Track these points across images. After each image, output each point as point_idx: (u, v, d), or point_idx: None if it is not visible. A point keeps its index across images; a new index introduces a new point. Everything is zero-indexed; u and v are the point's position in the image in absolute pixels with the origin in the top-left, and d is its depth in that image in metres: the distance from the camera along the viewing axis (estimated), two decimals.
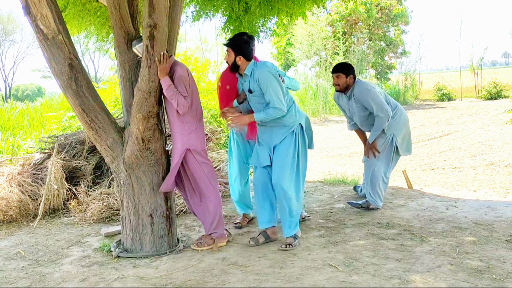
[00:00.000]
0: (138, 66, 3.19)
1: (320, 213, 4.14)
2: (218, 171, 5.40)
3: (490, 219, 3.71)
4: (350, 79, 4.04)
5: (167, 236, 3.31)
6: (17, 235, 3.91)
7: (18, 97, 37.55)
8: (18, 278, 2.94)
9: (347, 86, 4.07)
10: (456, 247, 3.09)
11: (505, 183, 5.39)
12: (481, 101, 18.47)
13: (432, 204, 4.27)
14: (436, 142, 9.36)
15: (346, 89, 4.09)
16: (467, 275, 2.62)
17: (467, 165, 6.73)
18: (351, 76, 4.04)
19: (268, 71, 3.20)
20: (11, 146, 7.34)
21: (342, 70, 4.05)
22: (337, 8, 19.72)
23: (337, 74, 4.05)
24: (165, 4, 2.98)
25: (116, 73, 7.81)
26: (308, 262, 2.94)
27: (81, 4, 4.64)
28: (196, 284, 2.69)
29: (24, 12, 3.03)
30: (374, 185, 4.09)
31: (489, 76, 21.39)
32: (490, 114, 13.04)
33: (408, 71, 22.49)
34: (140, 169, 3.20)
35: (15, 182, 4.46)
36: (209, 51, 30.15)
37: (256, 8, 4.77)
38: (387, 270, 2.74)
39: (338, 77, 4.05)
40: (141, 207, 3.23)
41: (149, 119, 3.14)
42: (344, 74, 4.02)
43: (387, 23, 20.86)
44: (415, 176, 6.14)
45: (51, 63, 3.08)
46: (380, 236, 3.41)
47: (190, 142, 3.22)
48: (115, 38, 3.28)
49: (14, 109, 12.89)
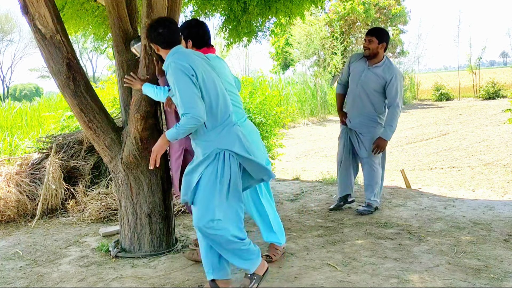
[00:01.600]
0: (136, 66, 3.19)
1: (319, 213, 4.15)
2: None
3: (488, 218, 3.72)
4: (382, 47, 3.80)
5: (165, 236, 3.30)
6: (15, 235, 3.90)
7: (16, 97, 37.48)
8: (16, 278, 2.93)
9: (376, 54, 3.81)
10: (454, 246, 3.10)
11: (503, 182, 5.41)
12: (479, 100, 18.51)
13: (430, 203, 4.28)
14: (434, 141, 9.38)
15: (373, 56, 3.82)
16: (465, 275, 2.62)
17: (465, 164, 6.74)
18: (384, 44, 3.80)
19: (174, 61, 2.34)
20: (9, 146, 7.32)
21: (376, 34, 3.80)
22: (336, 8, 19.73)
23: (370, 38, 3.78)
24: (164, 4, 2.97)
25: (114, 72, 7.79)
26: (307, 261, 2.94)
27: (79, 4, 4.64)
28: (194, 284, 2.68)
29: (22, 12, 3.02)
30: (375, 187, 4.05)
31: (487, 75, 21.44)
32: (488, 114, 13.07)
33: (406, 71, 22.52)
34: (138, 169, 3.20)
35: (13, 182, 4.45)
36: None
37: (255, 8, 4.76)
38: (385, 269, 2.75)
39: (370, 41, 3.78)
40: (140, 207, 3.23)
41: (147, 119, 3.14)
42: (377, 39, 3.77)
43: (385, 22, 20.88)
44: (413, 175, 6.15)
45: (49, 63, 3.07)
46: (378, 235, 3.41)
47: (188, 142, 3.21)
48: (113, 38, 3.28)
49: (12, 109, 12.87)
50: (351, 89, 4.01)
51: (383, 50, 3.85)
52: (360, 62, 3.94)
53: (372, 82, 3.85)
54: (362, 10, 19.30)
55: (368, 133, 3.98)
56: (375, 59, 3.86)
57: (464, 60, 21.67)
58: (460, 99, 19.99)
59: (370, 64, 3.88)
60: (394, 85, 3.80)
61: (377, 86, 3.86)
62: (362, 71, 3.90)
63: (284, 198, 4.84)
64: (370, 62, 3.89)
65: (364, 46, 3.89)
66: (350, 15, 19.56)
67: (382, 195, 4.63)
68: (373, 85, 3.86)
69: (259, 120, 6.81)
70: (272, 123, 7.08)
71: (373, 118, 3.97)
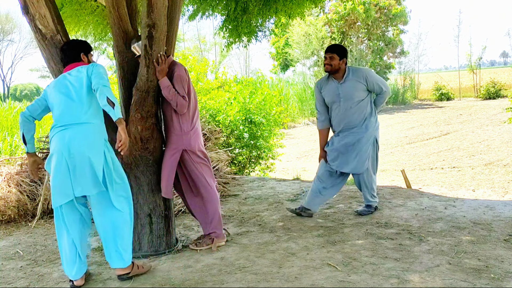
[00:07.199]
0: (137, 66, 3.19)
1: (319, 213, 4.15)
2: (216, 171, 5.40)
3: (489, 218, 3.71)
4: (343, 62, 3.87)
5: (165, 236, 3.30)
6: (16, 235, 3.90)
7: (16, 97, 37.49)
8: (16, 278, 2.93)
9: (338, 69, 3.86)
10: (455, 246, 3.10)
11: (504, 182, 5.41)
12: (480, 100, 18.51)
13: (431, 203, 4.27)
14: (434, 141, 9.38)
15: (335, 72, 3.88)
16: (466, 275, 2.62)
17: (466, 164, 6.74)
18: (344, 60, 3.87)
19: None
20: (9, 146, 7.33)
21: (337, 51, 3.86)
22: (336, 8, 19.73)
23: (331, 55, 3.84)
24: (164, 4, 2.97)
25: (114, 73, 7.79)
26: (307, 261, 2.94)
27: (78, 4, 4.63)
28: (194, 284, 2.68)
29: (22, 12, 3.02)
30: (372, 187, 4.02)
31: (488, 75, 21.45)
32: (489, 114, 13.07)
33: (407, 71, 22.54)
34: (138, 169, 3.20)
35: (13, 182, 4.45)
36: (208, 50, 30.19)
37: (254, 8, 4.76)
38: (385, 269, 2.75)
39: (331, 58, 3.85)
40: (140, 207, 3.23)
41: (148, 119, 3.14)
42: (338, 55, 3.85)
43: (385, 22, 20.88)
44: (413, 175, 6.15)
45: (50, 63, 3.07)
46: (379, 235, 3.41)
47: (186, 143, 3.22)
48: (114, 38, 3.28)
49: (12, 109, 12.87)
50: (334, 109, 3.95)
51: (344, 65, 3.89)
52: (329, 83, 3.95)
53: (352, 92, 3.84)
54: (362, 10, 19.29)
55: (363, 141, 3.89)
56: (340, 74, 3.90)
57: (465, 60, 21.69)
58: (460, 99, 20.00)
59: (339, 80, 3.90)
60: (373, 80, 3.87)
61: (360, 93, 3.86)
62: (336, 88, 3.91)
63: (284, 198, 4.84)
64: (337, 77, 3.92)
65: (325, 64, 3.91)
66: (350, 15, 19.56)
67: (382, 195, 4.64)
68: (355, 94, 3.86)
69: (259, 120, 6.82)
70: (272, 123, 7.09)
71: (362, 123, 3.90)
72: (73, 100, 2.63)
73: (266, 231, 3.66)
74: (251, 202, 4.76)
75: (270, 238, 3.48)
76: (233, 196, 5.06)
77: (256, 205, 4.61)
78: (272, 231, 3.66)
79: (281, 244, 3.32)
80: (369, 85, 3.88)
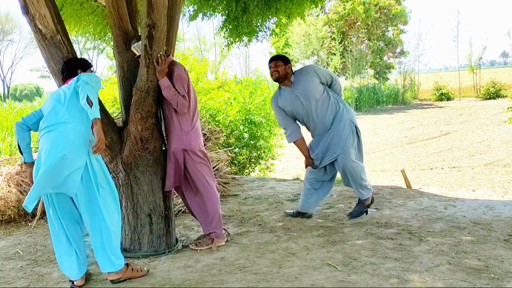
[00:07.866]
0: (137, 66, 3.19)
1: (319, 213, 4.15)
2: (216, 171, 5.40)
3: (489, 218, 3.71)
4: (289, 68, 3.85)
5: (165, 236, 3.30)
6: (16, 235, 3.90)
7: (16, 97, 37.50)
8: (16, 278, 2.93)
9: (286, 75, 3.81)
10: (455, 246, 3.10)
11: (504, 182, 5.41)
12: (480, 100, 18.51)
13: (431, 203, 4.27)
14: (434, 141, 9.38)
15: (284, 78, 3.82)
16: (466, 275, 2.62)
17: (466, 164, 6.74)
18: (289, 65, 3.86)
19: None
20: (9, 146, 7.32)
21: (281, 58, 3.86)
22: (336, 8, 19.74)
23: (276, 62, 3.80)
24: (164, 4, 2.97)
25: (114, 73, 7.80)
26: (307, 261, 2.94)
27: (78, 4, 4.63)
28: (194, 284, 2.68)
29: (22, 12, 3.02)
30: (361, 177, 3.80)
31: (488, 75, 21.46)
32: (489, 114, 13.07)
33: (406, 71, 22.54)
34: (138, 169, 3.20)
35: (13, 182, 4.45)
36: (208, 50, 30.21)
37: (255, 8, 4.76)
38: (385, 269, 2.75)
39: (277, 65, 3.79)
40: (140, 207, 3.23)
41: (148, 119, 3.14)
42: (283, 62, 3.83)
43: (385, 22, 20.90)
44: (413, 175, 6.15)
45: (50, 63, 3.07)
46: (379, 235, 3.41)
47: (186, 143, 3.22)
48: (114, 37, 3.28)
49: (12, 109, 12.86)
50: (303, 115, 3.89)
51: (290, 70, 3.86)
52: (282, 94, 3.88)
53: (308, 88, 3.77)
54: (362, 10, 19.30)
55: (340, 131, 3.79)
56: (288, 79, 3.86)
57: (465, 60, 21.69)
58: (460, 99, 20.00)
59: (290, 85, 3.85)
60: (321, 71, 3.85)
61: (316, 87, 3.79)
62: (291, 92, 3.83)
63: (285, 198, 4.84)
64: (287, 84, 3.86)
65: (272, 72, 3.85)
66: (350, 15, 19.57)
67: (382, 195, 4.64)
68: (312, 89, 3.78)
69: (259, 120, 6.82)
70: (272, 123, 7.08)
71: (335, 119, 3.83)
72: (61, 103, 2.67)
73: (266, 231, 3.66)
74: (251, 202, 4.76)
75: (270, 238, 3.48)
76: (233, 196, 5.06)
77: (256, 205, 4.61)
78: (272, 231, 3.66)
79: (281, 244, 3.32)
80: (320, 76, 3.82)
